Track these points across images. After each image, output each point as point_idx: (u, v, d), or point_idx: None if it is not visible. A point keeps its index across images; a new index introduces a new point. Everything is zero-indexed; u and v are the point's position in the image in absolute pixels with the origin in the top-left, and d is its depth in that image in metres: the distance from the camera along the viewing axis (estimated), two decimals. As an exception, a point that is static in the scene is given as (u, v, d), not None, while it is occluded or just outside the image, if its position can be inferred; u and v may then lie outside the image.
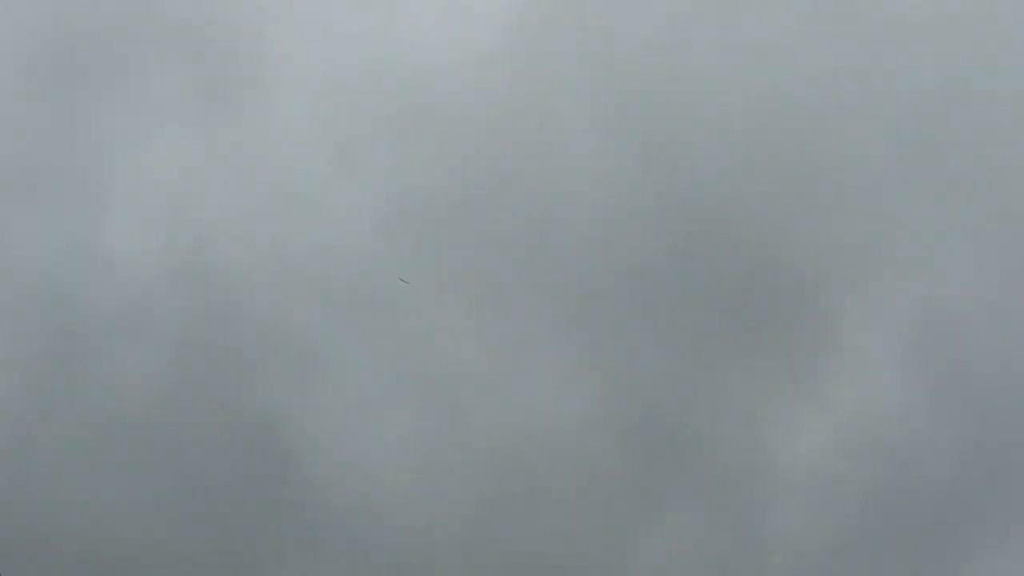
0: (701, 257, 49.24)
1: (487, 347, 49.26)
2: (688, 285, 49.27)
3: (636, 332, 49.26)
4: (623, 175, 50.12)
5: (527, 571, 47.73)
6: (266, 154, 50.58)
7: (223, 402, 48.20)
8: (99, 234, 49.49)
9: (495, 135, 50.13)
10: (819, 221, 49.43)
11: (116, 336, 48.71)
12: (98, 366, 48.41)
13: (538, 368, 48.97)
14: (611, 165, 50.13)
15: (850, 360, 49.10)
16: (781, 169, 49.59)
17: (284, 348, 48.93)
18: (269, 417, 48.29)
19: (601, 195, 49.86)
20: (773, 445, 48.58)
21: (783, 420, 48.63)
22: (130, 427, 47.65)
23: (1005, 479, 48.14)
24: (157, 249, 49.74)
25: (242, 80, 50.90)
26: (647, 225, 49.62)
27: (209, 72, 51.21)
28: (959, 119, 49.68)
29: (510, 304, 49.46)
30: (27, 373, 47.99)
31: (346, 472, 48.09)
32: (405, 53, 51.05)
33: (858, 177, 49.63)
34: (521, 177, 50.22)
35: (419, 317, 49.43)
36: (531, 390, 48.73)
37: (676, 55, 50.40)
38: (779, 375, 49.08)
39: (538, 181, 50.22)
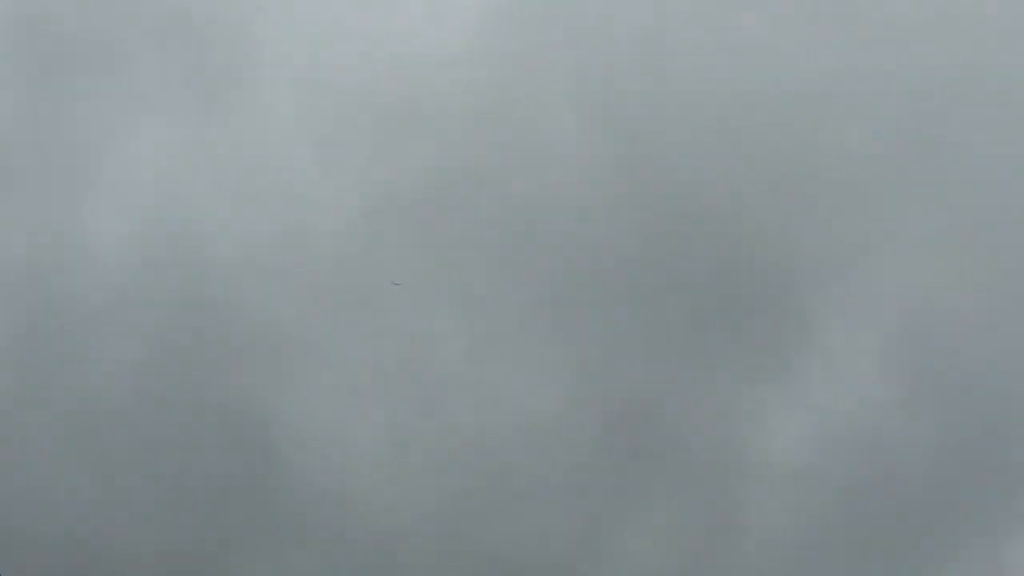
0: (681, 253, 49.29)
1: (468, 341, 49.40)
2: (668, 281, 49.34)
3: (616, 327, 49.30)
4: (604, 170, 50.05)
5: (507, 564, 47.88)
6: (249, 147, 50.61)
7: (204, 394, 48.40)
8: (81, 224, 49.55)
9: (477, 130, 50.24)
10: (798, 218, 49.50)
11: (97, 327, 48.82)
12: (78, 357, 48.49)
13: (519, 362, 49.10)
14: (592, 160, 50.12)
15: (828, 356, 49.19)
16: (761, 165, 49.62)
17: (266, 341, 49.02)
18: (250, 409, 48.45)
19: (582, 190, 49.89)
20: (751, 440, 48.77)
21: (761, 415, 48.82)
22: (110, 419, 47.86)
23: (980, 474, 48.26)
24: (140, 240, 49.74)
25: (226, 73, 50.91)
26: (628, 220, 49.66)
27: (193, 65, 51.21)
28: (941, 120, 49.66)
29: (491, 298, 49.57)
30: (6, 363, 48.22)
31: (327, 465, 48.28)
32: (389, 47, 51.00)
33: (838, 174, 49.67)
34: (503, 172, 50.24)
35: (401, 310, 49.58)
36: (511, 384, 48.88)
37: (658, 51, 50.35)
38: (758, 370, 49.15)
39: (520, 176, 50.21)
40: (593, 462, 48.59)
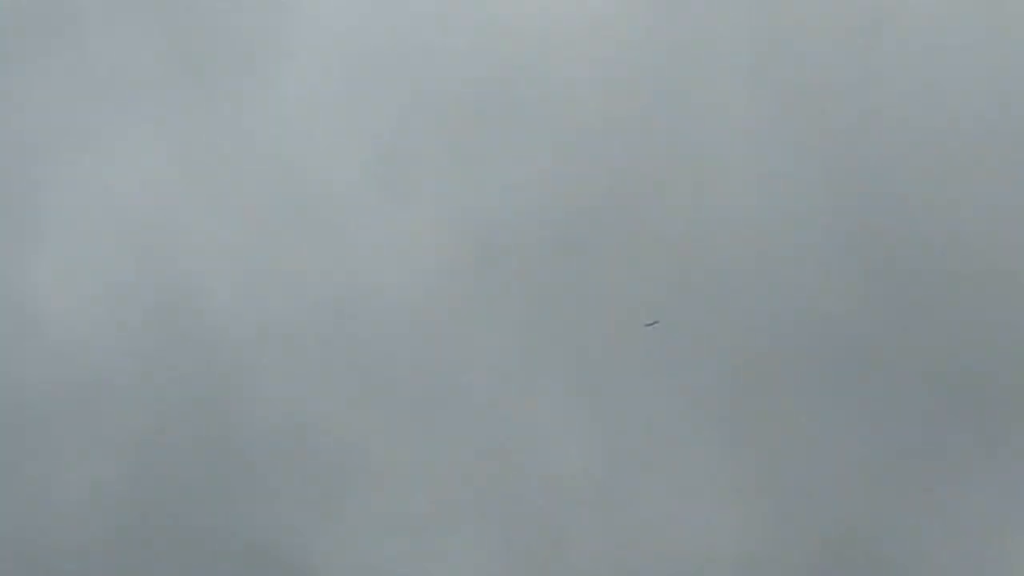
0: (922, 326, 38.68)
1: (599, 453, 38.17)
2: (904, 366, 38.70)
3: (819, 433, 38.50)
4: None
5: None
6: (271, 161, 40.07)
7: (218, 538, 37.57)
8: (27, 277, 39.38)
9: (617, 135, 40.08)
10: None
11: (53, 425, 38.44)
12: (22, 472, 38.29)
13: (678, 485, 38.23)
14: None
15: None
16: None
17: (292, 453, 38.41)
18: (275, 550, 37.79)
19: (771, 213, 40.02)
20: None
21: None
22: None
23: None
24: (108, 298, 39.47)
25: (237, 61, 40.61)
26: (845, 280, 39.16)
27: (193, 50, 41.22)
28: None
29: (633, 388, 38.36)
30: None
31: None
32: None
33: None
34: (661, 190, 40.15)
35: (498, 405, 38.43)
36: (668, 513, 37.98)
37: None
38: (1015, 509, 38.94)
39: (681, 195, 40.27)
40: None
